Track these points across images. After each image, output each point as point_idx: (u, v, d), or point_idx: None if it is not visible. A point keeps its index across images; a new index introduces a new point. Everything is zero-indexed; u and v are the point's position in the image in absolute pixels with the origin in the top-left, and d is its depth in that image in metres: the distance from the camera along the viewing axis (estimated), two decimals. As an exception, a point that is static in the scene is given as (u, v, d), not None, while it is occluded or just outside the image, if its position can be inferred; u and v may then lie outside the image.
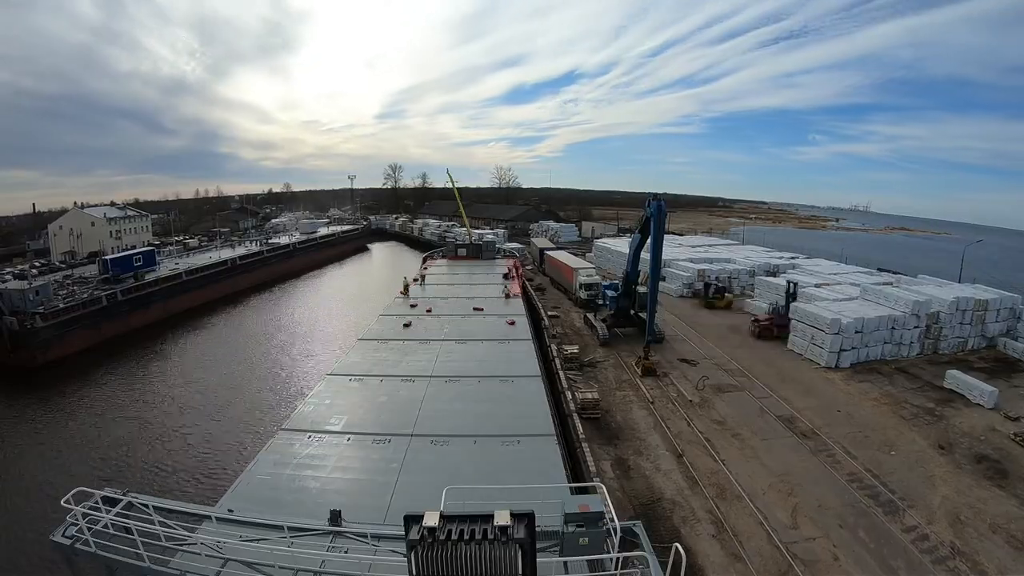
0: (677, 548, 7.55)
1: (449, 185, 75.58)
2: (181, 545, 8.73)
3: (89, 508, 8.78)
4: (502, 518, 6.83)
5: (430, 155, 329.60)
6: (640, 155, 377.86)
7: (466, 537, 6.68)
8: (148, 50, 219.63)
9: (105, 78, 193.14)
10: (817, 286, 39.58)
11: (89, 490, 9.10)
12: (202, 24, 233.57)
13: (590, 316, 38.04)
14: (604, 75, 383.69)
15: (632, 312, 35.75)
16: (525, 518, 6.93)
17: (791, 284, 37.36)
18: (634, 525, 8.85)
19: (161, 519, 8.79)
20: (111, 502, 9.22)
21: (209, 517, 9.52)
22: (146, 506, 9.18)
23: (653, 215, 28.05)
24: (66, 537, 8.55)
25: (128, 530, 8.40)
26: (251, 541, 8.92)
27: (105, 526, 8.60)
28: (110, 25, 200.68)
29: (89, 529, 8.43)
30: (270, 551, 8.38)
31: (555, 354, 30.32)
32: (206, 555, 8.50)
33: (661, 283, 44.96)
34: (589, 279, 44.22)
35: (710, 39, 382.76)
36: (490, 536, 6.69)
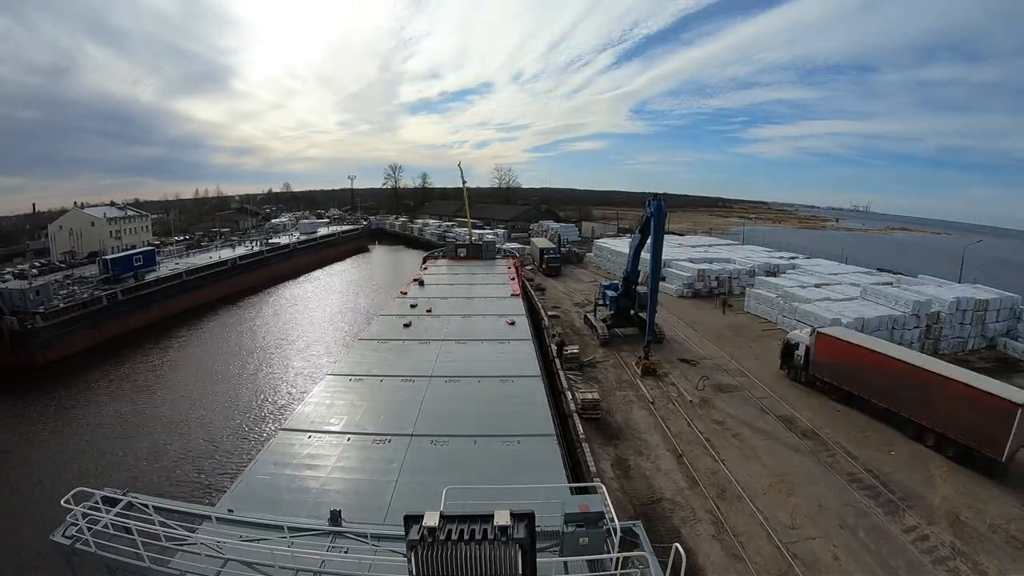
0: (677, 548, 7.55)
1: (450, 185, 75.40)
2: (181, 545, 8.72)
3: (89, 508, 8.76)
4: (502, 518, 6.83)
5: (401, 157, 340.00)
6: (608, 156, 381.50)
7: (466, 537, 6.68)
8: (108, 76, 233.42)
9: (60, 106, 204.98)
10: (817, 286, 39.66)
11: (89, 490, 9.09)
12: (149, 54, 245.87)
13: (590, 316, 38.01)
14: (515, 82, 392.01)
15: (632, 312, 35.75)
16: (525, 518, 6.93)
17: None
18: (634, 525, 8.84)
19: (161, 519, 8.78)
20: (111, 502, 9.21)
21: (209, 517, 9.52)
22: (146, 506, 9.16)
23: (653, 215, 28.03)
24: (66, 537, 8.54)
25: (128, 530, 8.39)
26: (251, 541, 8.92)
27: (105, 526, 8.58)
28: (58, 64, 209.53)
29: (89, 529, 8.41)
30: (270, 551, 8.37)
31: (555, 354, 30.33)
32: (206, 555, 8.49)
33: (661, 283, 45.43)
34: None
35: (588, 48, 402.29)
36: (490, 536, 6.69)
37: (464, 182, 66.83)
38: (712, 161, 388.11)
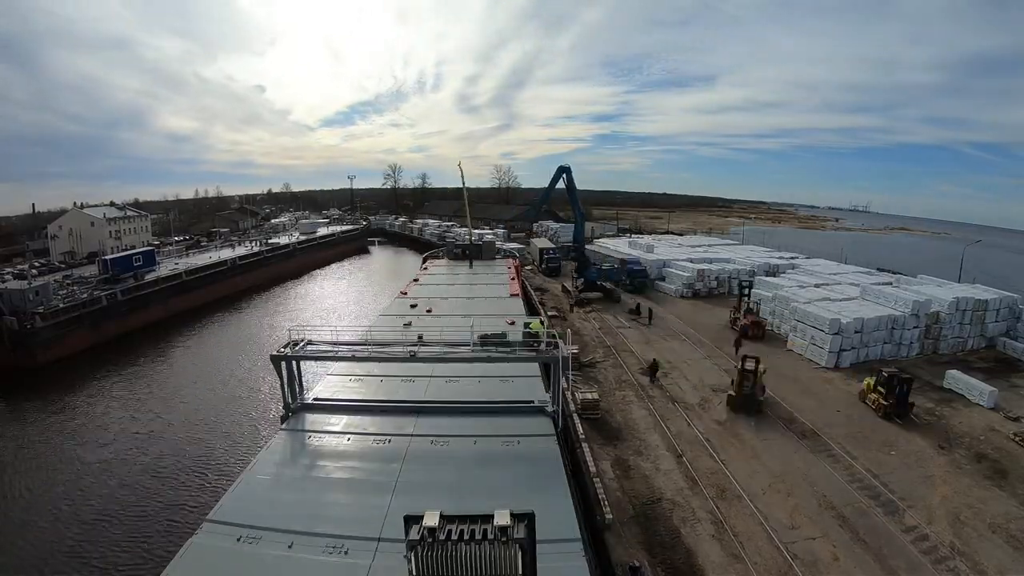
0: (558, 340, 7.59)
1: (449, 185, 75.46)
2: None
3: None
4: (502, 518, 6.84)
5: (358, 161, 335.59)
6: (586, 156, 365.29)
7: (466, 537, 6.69)
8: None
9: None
10: (817, 286, 39.66)
11: None
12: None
13: (567, 284, 48.91)
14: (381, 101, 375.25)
15: (599, 283, 47.08)
16: (525, 518, 6.94)
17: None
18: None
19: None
20: None
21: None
22: None
23: (565, 178, 43.97)
24: None
25: None
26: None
27: None
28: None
29: None
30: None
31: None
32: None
33: (661, 283, 50.91)
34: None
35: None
36: (490, 536, 6.70)
37: (463, 179, 67.97)
38: (669, 161, 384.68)
